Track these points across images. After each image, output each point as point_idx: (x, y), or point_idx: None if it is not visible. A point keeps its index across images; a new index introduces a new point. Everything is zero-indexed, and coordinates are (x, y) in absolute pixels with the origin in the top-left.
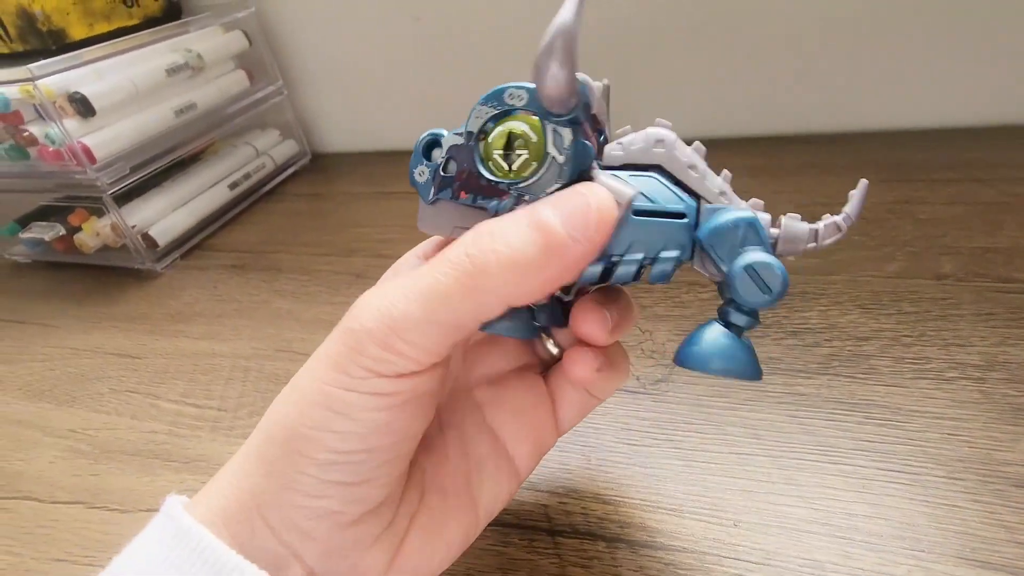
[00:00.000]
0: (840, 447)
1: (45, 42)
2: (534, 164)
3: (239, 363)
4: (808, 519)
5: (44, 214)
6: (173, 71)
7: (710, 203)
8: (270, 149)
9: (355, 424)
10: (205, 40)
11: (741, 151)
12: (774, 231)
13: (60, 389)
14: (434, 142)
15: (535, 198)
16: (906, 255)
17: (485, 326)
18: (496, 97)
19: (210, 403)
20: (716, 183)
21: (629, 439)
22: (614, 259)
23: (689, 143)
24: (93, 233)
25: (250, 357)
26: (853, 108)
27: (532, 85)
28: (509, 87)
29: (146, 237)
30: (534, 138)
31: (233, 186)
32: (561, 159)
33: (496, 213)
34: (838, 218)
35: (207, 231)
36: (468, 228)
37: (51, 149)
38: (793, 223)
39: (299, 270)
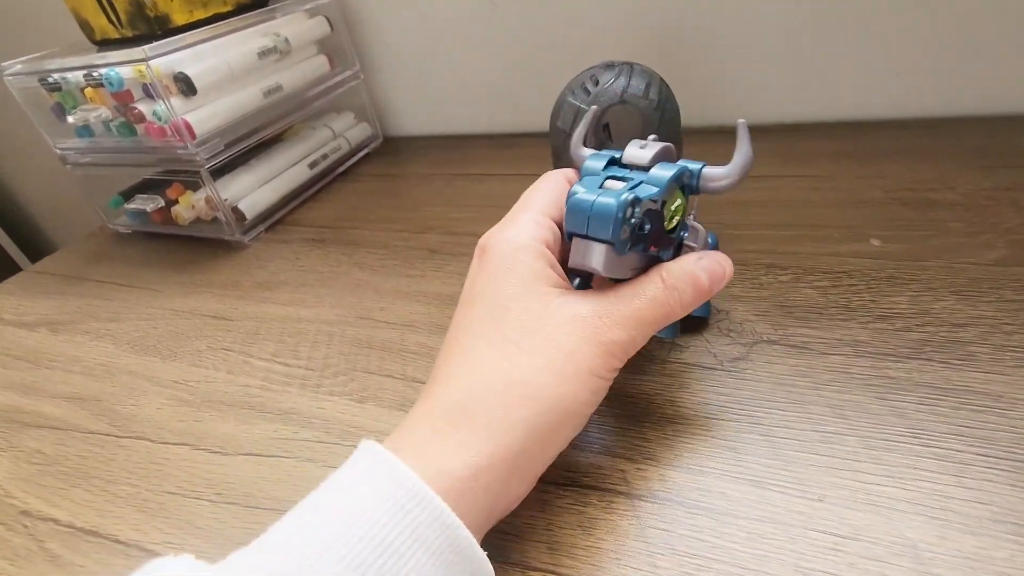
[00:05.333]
0: (934, 431)
1: (152, 27)
2: (680, 224)
3: (323, 328)
4: (899, 498)
5: (143, 189)
6: (264, 54)
7: None
8: (346, 131)
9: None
10: (291, 25)
11: (826, 135)
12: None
13: (163, 345)
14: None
15: (680, 240)
16: (1008, 243)
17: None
18: (678, 177)
19: (298, 362)
20: None
21: (708, 413)
22: None
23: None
24: (189, 206)
25: (333, 323)
26: (948, 92)
27: (695, 168)
28: (685, 170)
29: (235, 211)
30: (683, 205)
31: (312, 165)
32: (689, 219)
33: (661, 259)
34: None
35: (288, 207)
36: (639, 269)
37: (157, 126)
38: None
39: (376, 245)
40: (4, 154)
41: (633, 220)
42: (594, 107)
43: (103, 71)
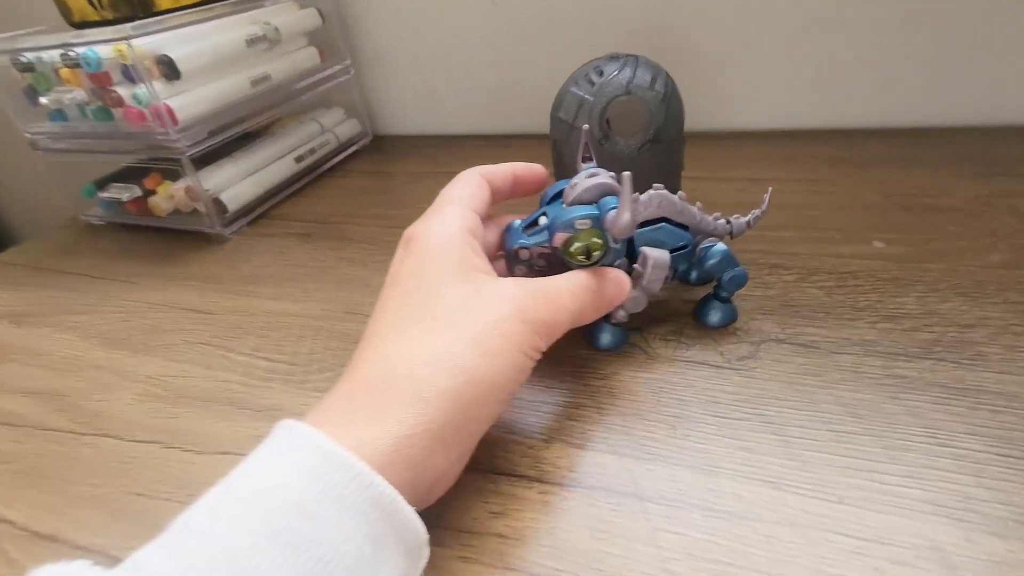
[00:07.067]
0: (950, 430)
1: (134, 10)
2: (601, 253)
3: (309, 323)
4: (920, 499)
5: (118, 178)
6: (252, 42)
7: (698, 227)
8: (334, 127)
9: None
10: (281, 15)
11: (824, 142)
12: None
13: (136, 339)
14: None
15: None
16: (1009, 247)
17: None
18: (570, 225)
19: (281, 358)
20: (694, 212)
21: (717, 411)
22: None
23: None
24: (167, 196)
25: (320, 317)
26: (941, 103)
27: (595, 213)
28: (576, 218)
29: (216, 202)
30: (600, 243)
31: (299, 160)
32: (617, 246)
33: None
34: (749, 217)
35: (272, 201)
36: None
37: (136, 110)
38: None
39: (366, 240)
40: None
41: (530, 262)
42: (585, 126)
43: (81, 50)
